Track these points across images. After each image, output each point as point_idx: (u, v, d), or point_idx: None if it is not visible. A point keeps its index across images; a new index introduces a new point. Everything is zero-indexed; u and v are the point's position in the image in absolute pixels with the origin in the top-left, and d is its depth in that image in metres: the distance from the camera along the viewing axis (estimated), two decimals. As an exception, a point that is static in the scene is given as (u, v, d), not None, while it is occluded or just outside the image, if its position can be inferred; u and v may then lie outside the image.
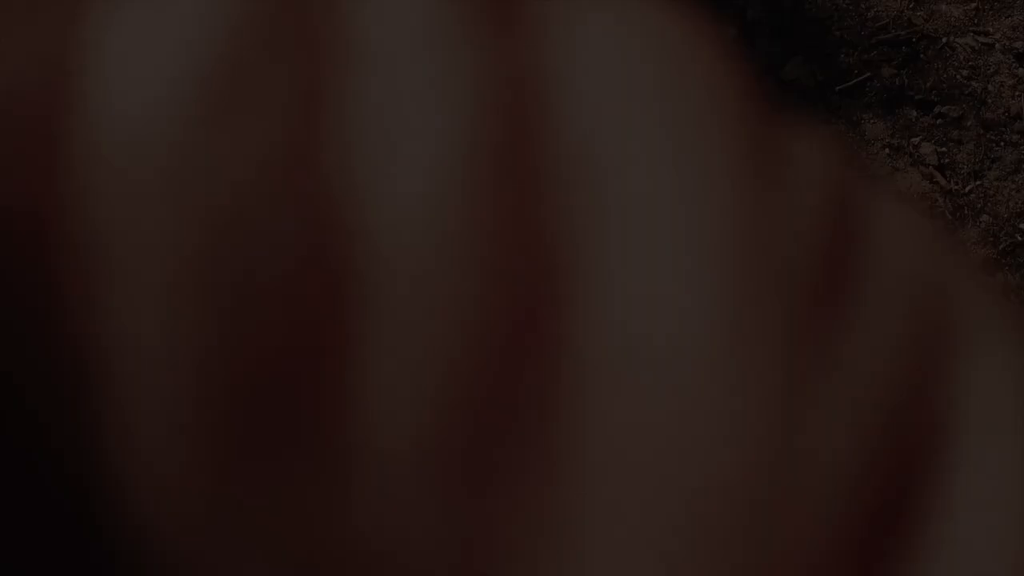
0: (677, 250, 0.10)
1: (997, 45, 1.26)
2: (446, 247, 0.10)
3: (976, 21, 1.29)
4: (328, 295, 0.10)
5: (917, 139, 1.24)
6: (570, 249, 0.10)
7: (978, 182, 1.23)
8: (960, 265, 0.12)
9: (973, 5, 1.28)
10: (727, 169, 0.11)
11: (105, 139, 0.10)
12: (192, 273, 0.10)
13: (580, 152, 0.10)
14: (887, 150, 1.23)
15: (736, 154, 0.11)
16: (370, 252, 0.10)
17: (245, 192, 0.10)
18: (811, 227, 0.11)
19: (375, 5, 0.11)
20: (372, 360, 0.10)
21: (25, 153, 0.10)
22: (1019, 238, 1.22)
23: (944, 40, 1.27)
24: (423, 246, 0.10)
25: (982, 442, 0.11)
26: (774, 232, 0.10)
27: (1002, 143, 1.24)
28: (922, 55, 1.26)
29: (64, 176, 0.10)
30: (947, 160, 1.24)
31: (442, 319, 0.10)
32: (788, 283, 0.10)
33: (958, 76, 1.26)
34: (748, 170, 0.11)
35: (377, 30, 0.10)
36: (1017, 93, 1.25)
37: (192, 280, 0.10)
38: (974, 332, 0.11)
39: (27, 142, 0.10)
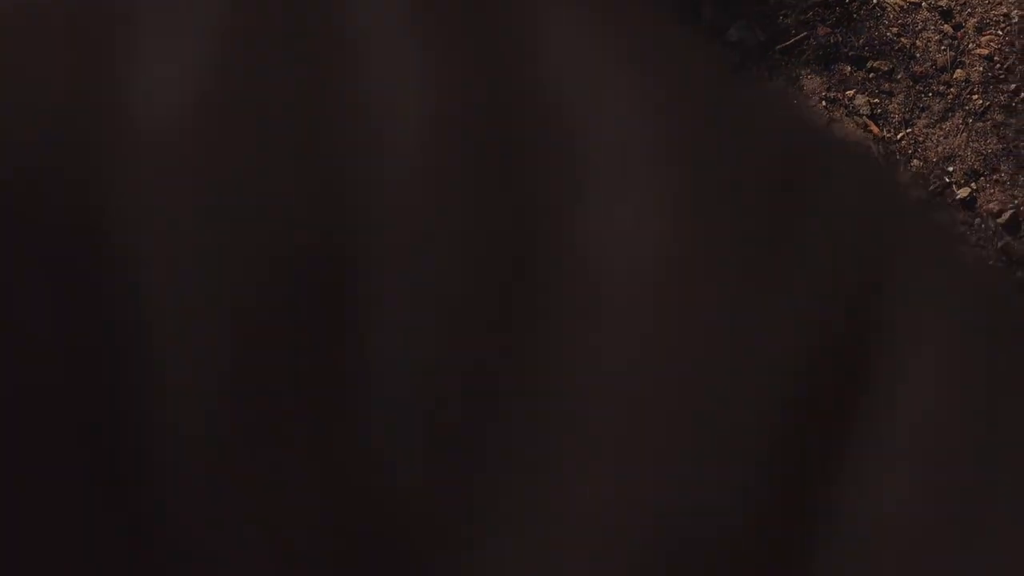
0: (642, 177, 0.11)
1: (924, 3, 1.28)
2: (439, 186, 0.10)
3: (904, -19, 1.30)
4: (333, 244, 0.10)
5: (851, 92, 1.25)
6: (548, 175, 0.11)
7: (908, 130, 1.24)
8: (896, 201, 0.12)
9: (900, -33, 1.28)
10: (682, 119, 0.11)
11: (142, 127, 0.10)
12: (218, 229, 0.10)
13: (556, 103, 0.11)
14: (824, 103, 1.24)
15: (691, 107, 0.11)
16: (377, 196, 0.10)
17: (262, 164, 0.10)
18: (758, 164, 0.11)
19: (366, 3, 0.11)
20: (372, 296, 0.10)
21: (74, 143, 0.10)
22: (947, 180, 1.24)
23: (875, 0, 1.27)
24: (419, 188, 0.10)
25: (916, 356, 0.11)
26: (722, 172, 0.11)
27: (930, 94, 1.26)
28: (855, 15, 1.27)
29: (107, 159, 0.10)
30: (879, 110, 1.24)
31: (435, 256, 0.10)
32: (734, 216, 0.11)
33: (888, 33, 1.26)
34: (700, 120, 0.11)
35: (367, 18, 0.11)
36: (943, 47, 1.27)
37: (219, 236, 0.10)
38: (907, 253, 0.12)
39: (75, 133, 0.10)
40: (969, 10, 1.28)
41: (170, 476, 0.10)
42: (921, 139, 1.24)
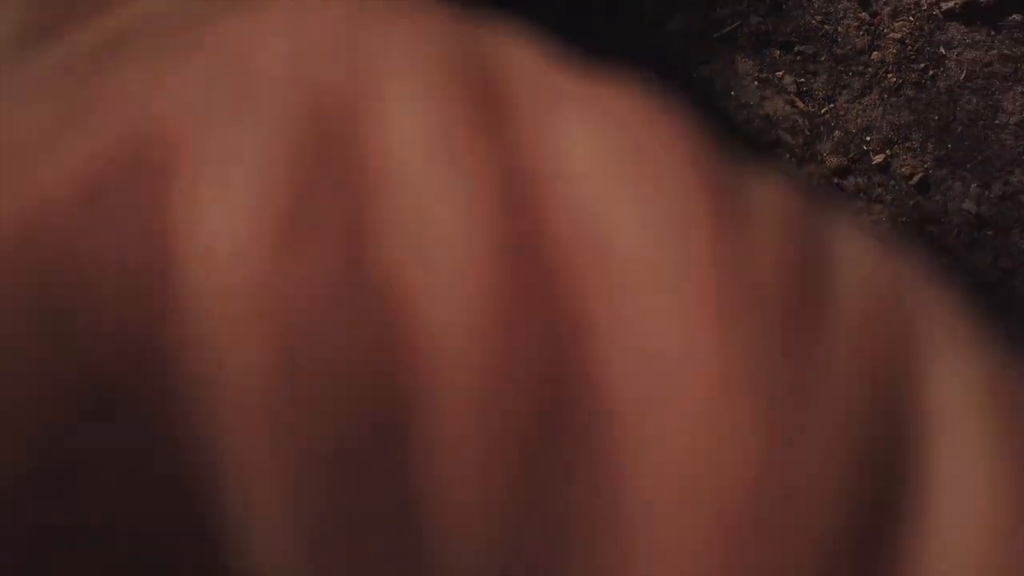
0: (673, 304, 0.10)
1: None
2: (484, 323, 0.10)
3: (826, -25, 1.33)
4: (394, 379, 0.10)
5: (781, 73, 1.29)
6: (586, 312, 0.10)
7: (831, 105, 1.29)
8: (914, 278, 0.12)
9: (822, -38, 1.32)
10: (702, 225, 0.11)
11: (203, 283, 0.10)
12: (287, 372, 0.10)
13: (579, 228, 0.11)
14: (756, 83, 1.28)
15: (705, 216, 0.11)
16: (422, 331, 0.10)
17: (318, 292, 0.10)
18: (775, 263, 0.11)
19: (395, 128, 0.11)
20: (435, 421, 0.10)
21: (142, 301, 0.10)
22: (865, 148, 1.29)
23: None
24: (462, 324, 0.10)
25: (953, 437, 0.11)
26: (748, 275, 0.11)
27: (850, 73, 1.30)
28: (783, 5, 1.31)
29: (176, 316, 0.10)
30: (805, 88, 1.29)
31: (489, 381, 0.10)
32: (762, 317, 0.10)
33: (813, 21, 1.31)
34: (719, 222, 0.11)
35: (399, 151, 0.11)
36: (861, 33, 1.31)
37: (288, 379, 0.10)
38: (933, 336, 0.11)
39: (142, 293, 0.10)
40: (884, -1, 1.32)
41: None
42: (842, 113, 1.29)
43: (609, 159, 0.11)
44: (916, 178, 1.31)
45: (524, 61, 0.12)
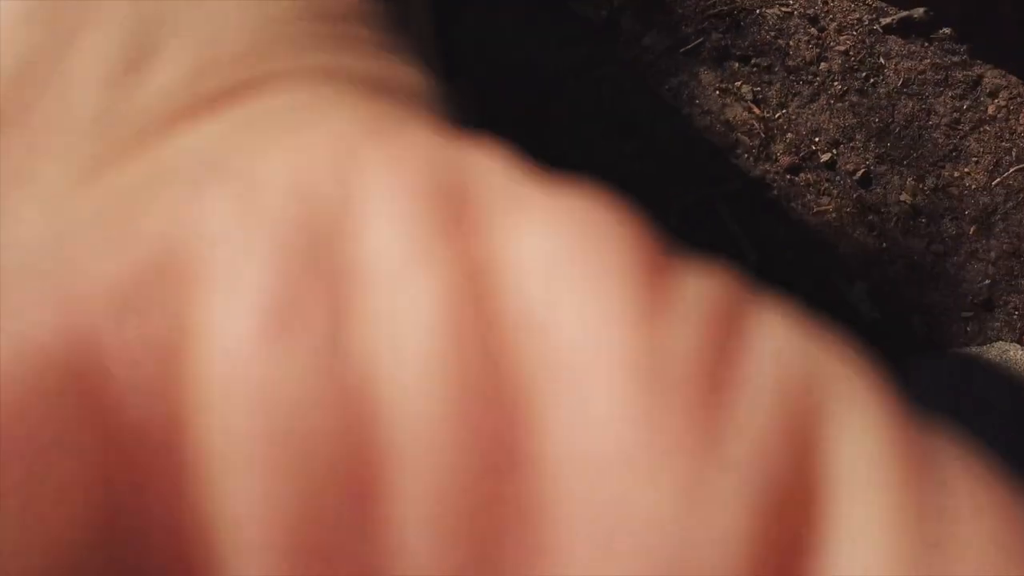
0: (603, 380, 0.11)
1: (795, 12, 1.37)
2: (441, 410, 0.11)
3: (779, -5, 1.38)
4: (363, 455, 0.11)
5: (739, 83, 1.35)
6: (529, 393, 0.11)
7: (784, 111, 1.34)
8: (825, 352, 0.12)
9: (776, -16, 1.35)
10: (633, 311, 0.11)
11: (209, 371, 0.11)
12: (272, 454, 0.11)
13: (527, 319, 0.11)
14: (717, 92, 1.34)
15: (639, 299, 0.12)
16: (391, 421, 0.11)
17: (300, 390, 0.11)
18: (699, 344, 0.11)
19: (375, 238, 0.12)
20: (398, 496, 0.11)
21: (159, 388, 0.11)
22: (814, 148, 1.37)
23: (757, 11, 1.37)
24: (425, 411, 0.11)
25: (853, 503, 0.11)
26: (672, 353, 0.11)
27: (801, 82, 1.36)
28: (741, 23, 1.36)
29: (186, 398, 0.11)
30: (761, 96, 1.34)
31: (445, 461, 0.11)
32: (681, 389, 0.11)
33: (767, 36, 1.36)
34: (649, 308, 0.12)
35: (377, 257, 0.12)
36: (811, 46, 1.37)
37: (274, 458, 0.11)
38: (840, 406, 0.12)
39: (159, 380, 0.11)
40: (831, 16, 1.40)
41: None
42: (794, 117, 1.35)
43: (555, 258, 0.12)
44: (859, 174, 1.39)
45: (492, 176, 0.13)
